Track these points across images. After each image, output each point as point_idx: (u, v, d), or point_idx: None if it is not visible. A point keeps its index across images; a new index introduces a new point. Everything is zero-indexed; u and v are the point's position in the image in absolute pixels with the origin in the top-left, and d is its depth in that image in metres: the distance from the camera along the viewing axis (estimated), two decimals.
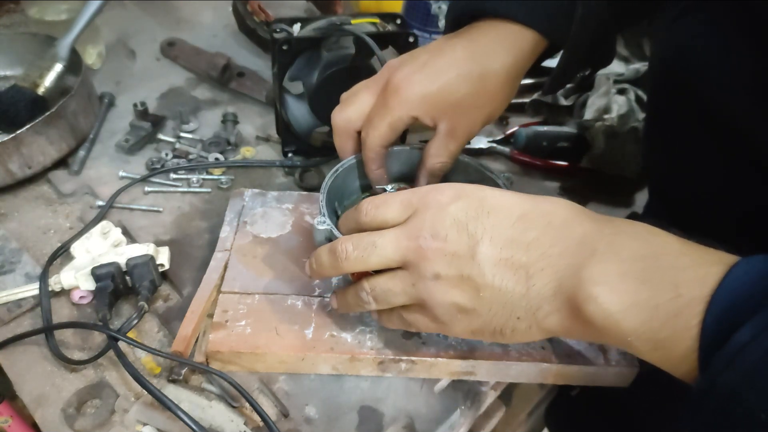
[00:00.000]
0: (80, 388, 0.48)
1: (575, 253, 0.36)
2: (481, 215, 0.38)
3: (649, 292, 0.33)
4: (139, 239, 0.61)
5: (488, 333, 0.40)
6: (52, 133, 0.64)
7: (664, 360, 0.34)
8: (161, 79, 0.83)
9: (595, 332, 0.35)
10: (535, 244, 0.37)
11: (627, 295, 0.33)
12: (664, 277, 0.33)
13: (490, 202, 0.39)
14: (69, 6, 0.82)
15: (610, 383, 0.50)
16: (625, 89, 0.77)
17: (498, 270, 0.37)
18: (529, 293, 0.37)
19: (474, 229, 0.38)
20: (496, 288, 0.37)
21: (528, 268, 0.37)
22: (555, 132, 0.76)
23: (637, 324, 0.33)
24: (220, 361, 0.48)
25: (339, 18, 0.66)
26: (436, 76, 0.49)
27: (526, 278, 0.37)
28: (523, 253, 0.37)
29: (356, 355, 0.48)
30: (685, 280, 0.32)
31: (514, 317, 0.38)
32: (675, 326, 0.32)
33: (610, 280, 0.34)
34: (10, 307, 0.53)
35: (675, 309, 0.32)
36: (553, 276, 0.36)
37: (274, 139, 0.74)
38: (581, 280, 0.34)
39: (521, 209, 0.38)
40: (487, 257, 0.37)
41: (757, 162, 0.43)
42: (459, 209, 0.39)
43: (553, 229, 0.37)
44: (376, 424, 0.48)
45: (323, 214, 0.47)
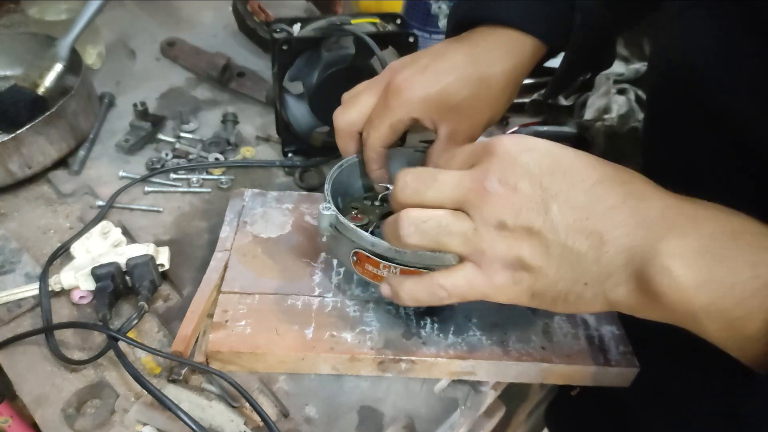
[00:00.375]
0: (80, 388, 0.48)
1: (653, 225, 0.34)
2: (556, 172, 0.36)
3: (726, 269, 0.32)
4: (139, 239, 0.61)
5: (549, 297, 0.37)
6: (52, 133, 0.64)
7: (731, 341, 0.33)
8: (161, 79, 0.83)
9: (663, 308, 0.34)
10: (612, 211, 0.35)
11: (703, 270, 0.32)
12: (743, 255, 0.32)
13: (567, 160, 0.37)
14: (69, 6, 0.82)
15: (610, 383, 0.50)
16: (625, 89, 0.77)
17: (572, 230, 0.35)
18: (601, 260, 0.35)
19: (549, 184, 0.36)
20: (567, 247, 0.35)
21: (603, 234, 0.35)
22: (555, 132, 0.76)
23: (710, 301, 0.32)
24: (220, 361, 0.48)
25: (339, 18, 0.66)
26: (436, 79, 0.49)
27: (600, 244, 0.35)
28: (599, 218, 0.35)
29: (356, 355, 0.48)
30: (765, 261, 0.31)
31: (582, 282, 0.36)
32: (749, 306, 0.31)
33: (686, 254, 0.33)
34: (10, 307, 0.53)
35: (751, 289, 0.31)
36: (628, 245, 0.35)
37: (274, 139, 0.74)
38: (657, 252, 0.33)
39: (600, 174, 0.37)
40: (561, 214, 0.35)
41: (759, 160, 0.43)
42: (532, 160, 0.37)
43: (633, 198, 0.36)
44: (376, 424, 0.48)
45: (328, 201, 0.47)
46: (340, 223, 0.46)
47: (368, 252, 0.45)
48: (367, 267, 0.46)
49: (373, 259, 0.45)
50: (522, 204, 0.36)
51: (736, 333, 0.32)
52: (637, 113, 0.74)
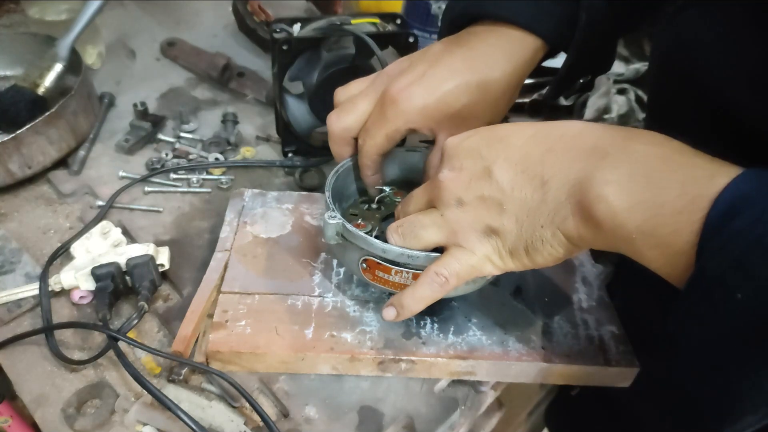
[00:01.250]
0: (80, 388, 0.48)
1: (587, 157, 0.36)
2: (492, 141, 0.40)
3: (655, 189, 0.33)
4: (139, 239, 0.61)
5: (522, 250, 0.40)
6: (52, 133, 0.64)
7: (663, 259, 0.34)
8: (161, 79, 0.83)
9: (603, 235, 0.36)
10: (547, 154, 0.38)
11: (634, 193, 0.34)
12: (673, 175, 0.33)
13: (502, 131, 0.41)
14: (69, 6, 0.82)
15: (610, 383, 0.50)
16: (625, 89, 0.77)
17: (516, 182, 0.39)
18: (546, 198, 0.38)
19: (487, 153, 0.40)
20: (516, 198, 0.39)
21: (542, 174, 0.38)
22: None
23: (642, 221, 0.33)
24: (220, 361, 0.48)
25: (339, 18, 0.66)
26: (434, 88, 0.48)
27: (541, 184, 0.38)
28: (536, 162, 0.38)
29: (356, 355, 0.48)
30: (693, 178, 0.33)
31: (539, 225, 0.38)
32: (677, 222, 0.32)
33: (619, 179, 0.34)
34: (10, 307, 0.53)
35: (680, 205, 0.32)
36: (566, 179, 0.37)
37: (274, 139, 0.74)
38: (592, 180, 0.35)
39: (533, 129, 0.40)
40: (503, 173, 0.39)
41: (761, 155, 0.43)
42: (472, 142, 0.41)
43: (566, 138, 0.38)
44: (376, 424, 0.48)
45: (332, 209, 0.47)
46: (348, 232, 0.46)
47: (379, 258, 0.45)
48: (378, 273, 0.46)
49: (384, 265, 0.45)
50: (470, 178, 0.40)
51: (666, 249, 0.33)
52: (637, 113, 0.74)
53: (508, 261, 0.41)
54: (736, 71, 0.42)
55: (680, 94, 0.49)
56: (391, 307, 0.46)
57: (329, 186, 0.50)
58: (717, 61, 0.44)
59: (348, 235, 0.46)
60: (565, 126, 0.39)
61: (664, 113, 0.54)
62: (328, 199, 0.48)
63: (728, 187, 0.31)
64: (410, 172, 0.56)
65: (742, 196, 0.31)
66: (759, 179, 0.31)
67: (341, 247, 0.48)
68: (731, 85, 0.43)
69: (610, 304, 0.54)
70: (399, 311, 0.45)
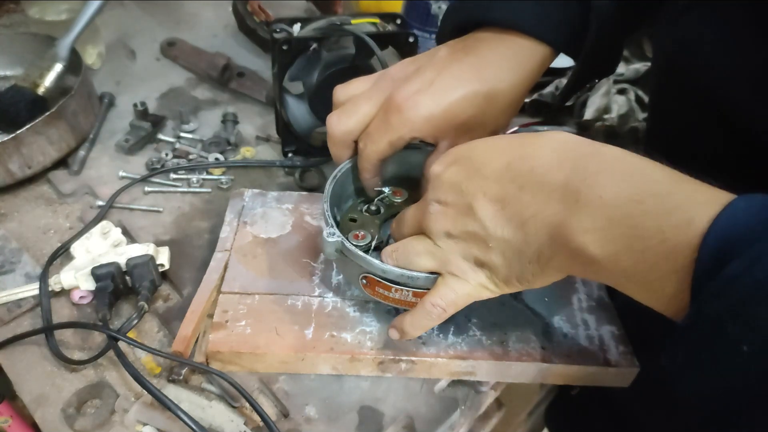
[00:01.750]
0: (80, 388, 0.48)
1: (561, 199, 0.36)
2: (471, 174, 0.40)
3: (634, 238, 0.33)
4: (139, 239, 0.61)
5: (515, 280, 0.40)
6: (52, 133, 0.64)
7: (654, 301, 0.34)
8: (161, 79, 0.83)
9: (594, 273, 0.36)
10: (522, 193, 0.38)
11: (613, 242, 0.34)
12: (649, 221, 0.32)
13: (479, 158, 0.40)
14: (69, 6, 0.82)
15: (610, 383, 0.50)
16: (625, 89, 0.77)
17: (497, 221, 0.39)
18: (528, 240, 0.38)
19: (467, 188, 0.40)
20: (499, 238, 0.39)
21: (520, 215, 0.38)
22: None
23: (626, 267, 0.34)
24: (220, 361, 0.48)
25: (339, 18, 0.66)
26: (441, 98, 0.47)
27: (521, 225, 0.38)
28: (513, 202, 0.38)
29: (356, 355, 0.48)
30: (671, 225, 0.32)
31: (526, 262, 0.38)
32: (663, 269, 0.32)
33: (597, 226, 0.34)
34: (10, 307, 0.53)
35: (662, 253, 0.32)
36: (543, 222, 0.37)
37: (274, 139, 0.74)
38: (569, 228, 0.35)
39: (507, 157, 0.39)
40: (484, 210, 0.39)
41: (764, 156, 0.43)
42: (452, 174, 0.41)
43: (537, 175, 0.37)
44: (376, 424, 0.48)
45: (331, 225, 0.46)
46: (347, 250, 0.45)
47: (379, 277, 0.45)
48: (378, 290, 0.46)
49: (384, 283, 0.45)
50: (455, 214, 0.41)
51: (655, 293, 0.34)
52: (637, 113, 0.74)
53: (503, 287, 0.41)
54: (739, 73, 0.42)
55: (682, 96, 0.49)
56: (394, 330, 0.46)
57: (327, 197, 0.49)
58: (719, 63, 0.43)
59: (348, 253, 0.45)
60: (534, 156, 0.38)
61: (666, 114, 0.54)
62: (326, 213, 0.47)
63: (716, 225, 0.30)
64: (409, 169, 0.56)
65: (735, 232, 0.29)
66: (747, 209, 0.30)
67: (341, 262, 0.48)
68: (733, 87, 0.43)
69: (610, 304, 0.54)
70: (401, 335, 0.46)
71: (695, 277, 0.30)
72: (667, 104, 0.53)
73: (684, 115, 0.50)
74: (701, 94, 0.46)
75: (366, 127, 0.50)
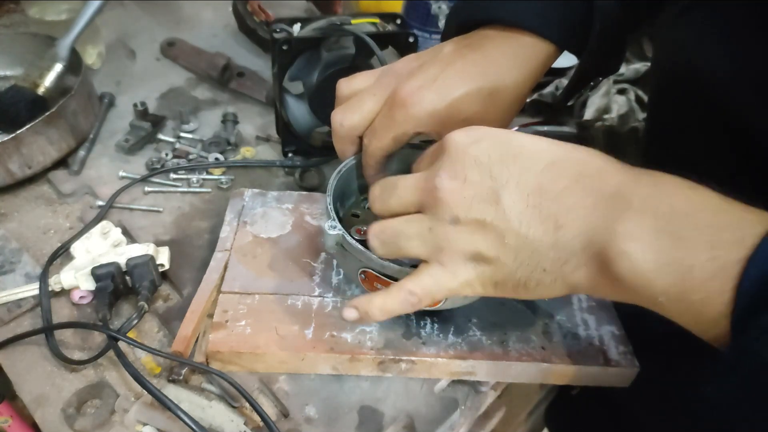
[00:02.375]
0: (80, 388, 0.48)
1: (609, 206, 0.34)
2: (506, 158, 0.36)
3: (684, 251, 0.31)
4: (139, 239, 0.61)
5: (511, 285, 0.38)
6: (52, 133, 0.64)
7: (693, 323, 0.33)
8: (161, 79, 0.83)
9: (624, 290, 0.34)
10: (565, 193, 0.35)
11: (661, 253, 0.32)
12: (701, 236, 0.31)
13: (517, 145, 0.37)
14: (69, 6, 0.82)
15: (610, 383, 0.50)
16: (625, 89, 0.77)
17: (525, 217, 0.35)
18: (558, 244, 0.35)
19: (498, 172, 0.36)
20: (522, 236, 0.36)
21: (558, 217, 0.35)
22: (555, 132, 0.76)
23: (670, 284, 0.31)
24: (220, 361, 0.48)
25: (339, 18, 0.66)
26: (445, 93, 0.47)
27: (554, 228, 0.35)
28: (552, 201, 0.35)
29: (356, 355, 0.48)
30: (722, 241, 0.30)
31: (540, 269, 0.36)
32: (709, 289, 0.30)
33: (644, 236, 0.32)
34: (10, 307, 0.53)
35: (710, 271, 0.30)
36: (584, 228, 0.34)
37: (274, 139, 0.74)
38: (614, 234, 0.33)
39: (552, 155, 0.37)
40: (512, 202, 0.36)
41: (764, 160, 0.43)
42: (481, 150, 0.37)
43: (586, 178, 0.35)
44: (376, 424, 0.48)
45: (333, 218, 0.46)
46: (348, 243, 0.45)
47: (378, 273, 0.45)
48: (376, 285, 0.46)
49: (383, 279, 0.45)
50: (473, 196, 0.36)
51: (695, 315, 0.32)
52: (637, 113, 0.74)
53: (490, 290, 0.39)
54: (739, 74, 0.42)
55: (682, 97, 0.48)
56: (353, 310, 0.43)
57: (330, 191, 0.49)
58: (719, 64, 0.43)
59: (348, 247, 0.45)
60: (585, 162, 0.36)
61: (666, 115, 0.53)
62: (329, 206, 0.47)
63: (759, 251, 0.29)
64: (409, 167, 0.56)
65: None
66: None
67: (341, 255, 0.48)
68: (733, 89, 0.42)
69: (610, 304, 0.54)
70: (362, 316, 0.43)
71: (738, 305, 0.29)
72: (667, 105, 0.53)
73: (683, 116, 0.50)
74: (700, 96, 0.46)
75: (370, 124, 0.49)
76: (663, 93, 0.54)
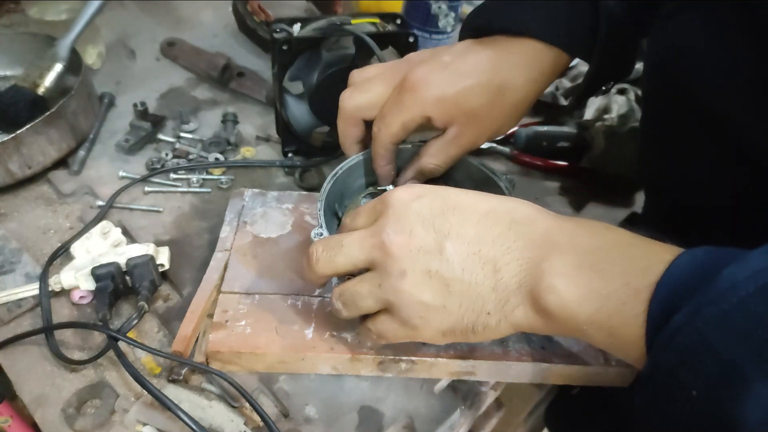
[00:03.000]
0: (80, 388, 0.48)
1: (538, 246, 0.37)
2: (446, 212, 0.39)
3: (601, 281, 0.34)
4: (139, 239, 0.61)
5: (460, 332, 0.40)
6: (52, 133, 0.64)
7: (615, 347, 0.36)
8: (161, 79, 0.83)
9: (555, 324, 0.37)
10: (500, 239, 0.38)
11: (582, 285, 0.35)
12: (614, 266, 0.35)
13: (454, 200, 0.40)
14: (69, 6, 0.82)
15: (610, 383, 0.50)
16: (625, 89, 0.77)
17: (467, 264, 0.38)
18: (498, 286, 0.38)
19: (440, 224, 0.38)
20: (465, 282, 0.38)
21: (495, 261, 0.38)
22: (555, 132, 0.76)
23: (591, 312, 0.35)
24: (220, 361, 0.48)
25: (339, 18, 0.66)
26: (456, 80, 0.48)
27: (494, 271, 0.38)
28: (489, 247, 0.38)
29: (356, 355, 0.48)
30: (633, 270, 0.34)
31: (485, 312, 0.38)
32: (624, 313, 0.34)
33: (568, 271, 0.35)
34: (10, 307, 0.53)
35: (624, 296, 0.33)
36: (518, 269, 0.37)
37: (274, 139, 0.74)
38: (542, 271, 0.36)
39: (486, 206, 0.39)
40: (455, 251, 0.38)
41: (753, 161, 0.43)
42: (423, 206, 0.39)
43: (517, 224, 0.38)
44: (376, 424, 0.48)
45: (320, 225, 0.46)
46: None
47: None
48: None
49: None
50: (418, 248, 0.38)
51: (616, 339, 0.35)
52: (636, 113, 0.74)
53: (439, 338, 0.41)
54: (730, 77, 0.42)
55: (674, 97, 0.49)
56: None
57: (322, 197, 0.49)
58: (709, 67, 0.43)
59: None
60: (516, 210, 0.39)
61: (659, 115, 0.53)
62: (319, 212, 0.47)
63: (665, 277, 0.32)
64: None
65: (679, 284, 0.32)
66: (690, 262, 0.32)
67: None
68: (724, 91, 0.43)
69: None
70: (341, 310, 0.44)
71: (648, 326, 0.33)
72: (659, 106, 0.53)
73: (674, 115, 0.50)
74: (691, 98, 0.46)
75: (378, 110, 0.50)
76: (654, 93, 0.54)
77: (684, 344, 0.30)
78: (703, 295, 0.30)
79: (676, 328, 0.31)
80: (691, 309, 0.30)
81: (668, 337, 0.31)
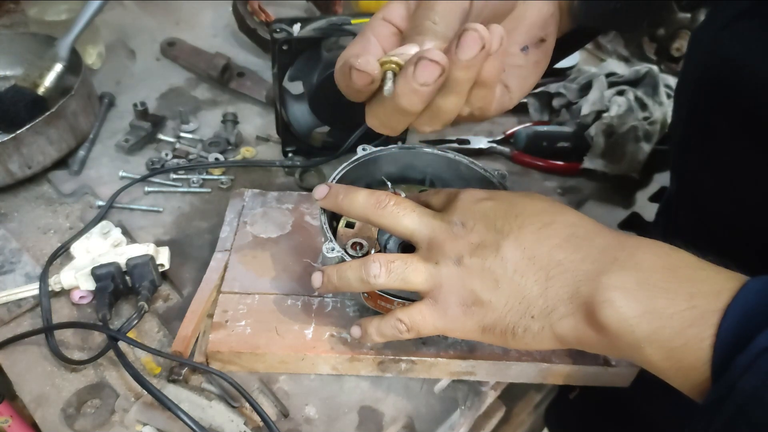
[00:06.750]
0: (80, 388, 0.48)
1: (596, 260, 0.37)
2: (509, 216, 0.40)
3: (664, 300, 0.34)
4: (139, 239, 0.61)
5: (499, 331, 0.40)
6: (52, 133, 0.64)
7: (673, 371, 0.34)
8: (161, 79, 0.83)
9: (608, 339, 0.36)
10: (557, 249, 0.38)
11: (643, 302, 0.34)
12: (681, 287, 0.34)
13: (520, 207, 0.41)
14: (69, 6, 0.82)
15: (610, 383, 0.50)
16: (624, 90, 0.77)
17: (519, 266, 0.39)
18: (547, 293, 0.38)
19: (502, 226, 0.40)
20: (515, 283, 0.39)
21: (549, 269, 0.38)
22: (555, 132, 0.76)
23: (651, 331, 0.34)
24: (220, 361, 0.48)
25: (339, 18, 0.66)
26: None
27: (545, 279, 0.38)
28: (545, 255, 0.38)
29: (356, 355, 0.48)
30: (701, 292, 0.33)
31: (529, 316, 0.38)
32: (688, 336, 0.33)
33: (627, 286, 0.35)
34: (10, 307, 0.53)
35: (690, 319, 0.33)
36: (572, 279, 0.37)
37: (274, 139, 0.74)
38: (599, 284, 0.35)
39: (548, 218, 0.40)
40: (510, 253, 0.39)
41: None
42: (489, 207, 0.42)
43: (576, 238, 0.39)
44: (376, 424, 0.48)
45: (330, 239, 0.46)
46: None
47: (381, 291, 0.45)
48: (380, 303, 0.46)
49: (387, 297, 0.45)
50: (478, 243, 0.40)
51: (676, 362, 0.34)
52: (636, 112, 0.74)
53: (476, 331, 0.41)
54: None
55: (727, 109, 0.47)
56: (358, 328, 0.45)
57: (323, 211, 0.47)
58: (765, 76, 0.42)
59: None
60: (576, 224, 0.40)
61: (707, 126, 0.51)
62: (324, 226, 0.46)
63: (736, 301, 0.32)
64: (405, 169, 0.56)
65: (753, 309, 0.31)
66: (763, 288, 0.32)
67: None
68: None
69: None
70: (363, 336, 0.45)
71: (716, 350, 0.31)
72: (708, 116, 0.50)
73: (727, 128, 0.48)
74: (747, 109, 0.44)
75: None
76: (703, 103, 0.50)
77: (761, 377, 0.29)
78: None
79: (759, 350, 0.30)
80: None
81: (750, 359, 0.30)
